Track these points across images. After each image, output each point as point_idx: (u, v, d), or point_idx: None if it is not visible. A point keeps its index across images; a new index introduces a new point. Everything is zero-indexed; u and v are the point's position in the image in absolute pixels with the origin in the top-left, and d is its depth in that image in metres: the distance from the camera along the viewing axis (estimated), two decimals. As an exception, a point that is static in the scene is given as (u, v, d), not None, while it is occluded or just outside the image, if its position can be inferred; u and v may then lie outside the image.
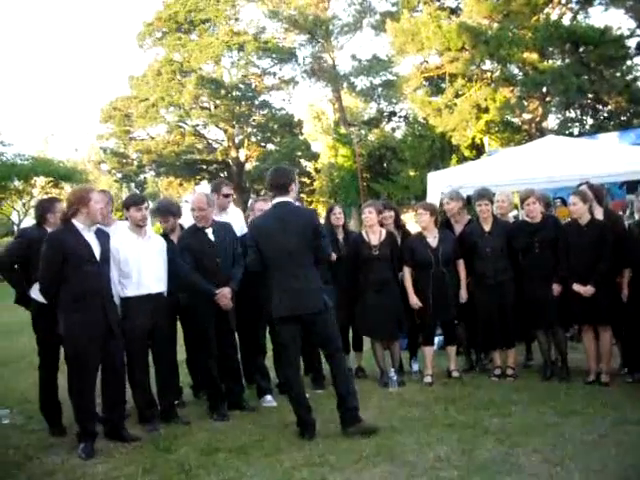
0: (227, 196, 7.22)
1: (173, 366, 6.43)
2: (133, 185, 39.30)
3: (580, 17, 28.71)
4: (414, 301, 6.97)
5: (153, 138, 38.50)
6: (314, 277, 5.55)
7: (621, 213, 8.68)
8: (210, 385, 6.36)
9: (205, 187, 40.74)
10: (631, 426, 5.19)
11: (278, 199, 5.58)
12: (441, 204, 8.53)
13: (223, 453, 5.19)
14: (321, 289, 5.57)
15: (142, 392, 6.04)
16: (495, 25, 27.29)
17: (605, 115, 28.62)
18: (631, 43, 27.74)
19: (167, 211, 6.77)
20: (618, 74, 26.24)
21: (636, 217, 7.03)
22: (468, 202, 7.97)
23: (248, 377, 7.09)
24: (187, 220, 6.88)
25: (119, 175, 40.10)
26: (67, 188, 32.05)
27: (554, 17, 27.53)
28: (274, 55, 38.11)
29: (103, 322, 5.46)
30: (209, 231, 6.26)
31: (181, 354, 6.82)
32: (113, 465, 5.12)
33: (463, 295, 7.07)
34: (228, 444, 5.39)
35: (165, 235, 6.60)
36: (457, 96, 29.15)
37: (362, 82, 38.00)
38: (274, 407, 6.48)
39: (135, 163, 39.21)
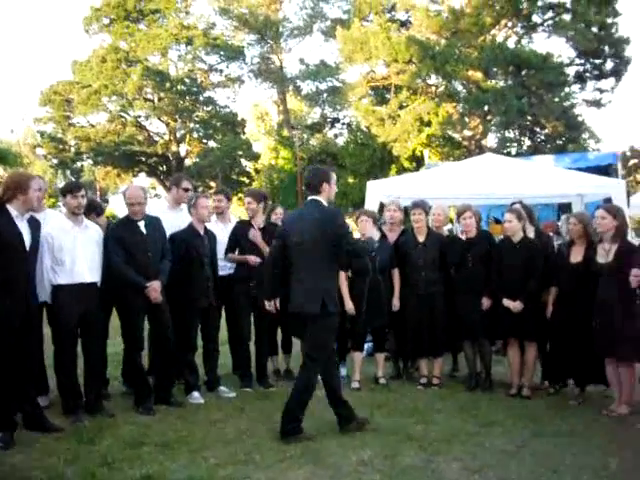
0: (187, 190, 7.19)
1: (101, 357, 6.34)
2: (69, 172, 38.45)
3: (524, 41, 29.58)
4: (349, 306, 7.03)
5: (93, 126, 37.71)
6: (323, 277, 5.43)
7: (551, 234, 8.95)
8: (137, 378, 6.31)
9: (143, 179, 40.23)
10: (548, 438, 5.39)
11: (309, 197, 5.61)
12: (380, 212, 8.64)
13: (148, 447, 5.16)
14: (327, 291, 5.42)
15: (68, 382, 5.93)
16: (443, 41, 27.81)
17: (542, 138, 29.51)
18: (570, 71, 28.79)
19: (89, 208, 6.62)
20: (557, 99, 27.09)
21: (566, 238, 7.29)
22: (405, 213, 8.12)
23: (176, 373, 7.06)
24: (121, 211, 6.81)
25: (55, 161, 39.16)
26: (-1, 169, 31.16)
27: (500, 39, 28.26)
28: (222, 52, 37.83)
29: (24, 311, 5.35)
30: (141, 224, 6.23)
31: (111, 346, 6.76)
32: (33, 456, 5.01)
33: (396, 304, 7.18)
34: (153, 438, 5.35)
35: None
36: (401, 108, 29.57)
37: (308, 86, 38.16)
38: (201, 404, 6.46)
39: (73, 150, 38.34)
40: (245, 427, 5.55)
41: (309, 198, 5.61)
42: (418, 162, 28.59)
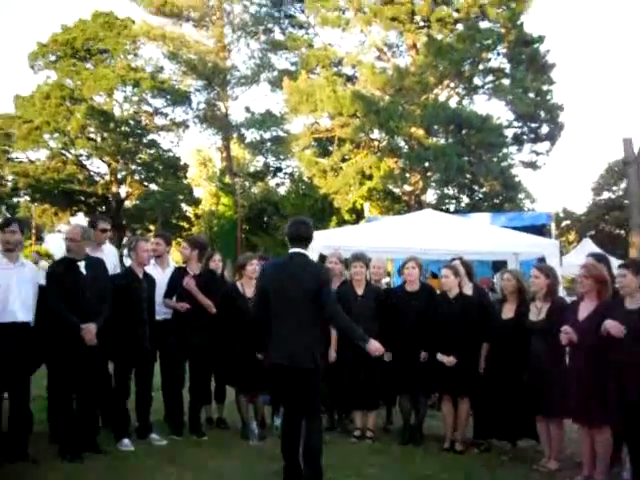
0: (104, 231, 7.13)
1: (27, 399, 6.13)
2: (4, 208, 37.51)
3: (465, 102, 30.50)
4: (333, 355, 7.08)
5: (32, 162, 37.04)
6: (312, 333, 5.34)
7: (487, 290, 9.13)
8: (66, 422, 6.11)
9: (81, 219, 39.53)
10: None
11: (295, 249, 5.46)
12: (323, 262, 8.66)
13: (73, 496, 5.00)
14: (317, 347, 5.38)
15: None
16: (387, 98, 28.42)
17: (480, 196, 30.24)
18: (508, 133, 29.76)
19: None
20: (495, 159, 27.90)
21: (499, 294, 7.45)
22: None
23: (106, 419, 6.88)
24: (57, 250, 6.72)
25: (-10, 195, 38.35)
26: None
27: (442, 98, 29.06)
28: (168, 96, 37.81)
29: None
30: (81, 264, 6.12)
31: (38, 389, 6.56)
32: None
33: (332, 355, 7.17)
34: (79, 487, 5.19)
35: None
36: (343, 160, 29.96)
37: (252, 134, 38.28)
38: (131, 451, 6.29)
39: (9, 185, 37.57)
40: (176, 476, 5.43)
41: (295, 250, 5.47)
42: (358, 215, 28.88)
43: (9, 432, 5.86)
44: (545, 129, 30.13)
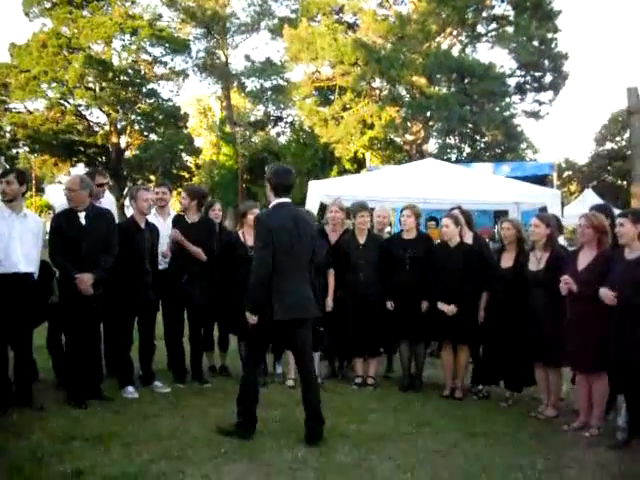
0: (101, 185, 7.12)
1: (29, 349, 6.20)
2: (3, 159, 37.26)
3: (468, 51, 30.12)
4: (330, 305, 7.11)
5: (31, 112, 36.69)
6: (310, 281, 5.47)
7: (488, 240, 9.15)
8: (70, 370, 6.19)
9: (81, 170, 39.41)
10: (478, 438, 5.52)
11: (284, 199, 5.37)
12: (324, 211, 8.66)
13: (79, 441, 5.08)
14: (314, 294, 5.52)
15: (-3, 374, 5.81)
16: (389, 46, 28.08)
17: (482, 146, 30.10)
18: (511, 82, 29.42)
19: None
20: (497, 109, 27.65)
21: (499, 244, 7.46)
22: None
23: (111, 367, 6.97)
24: (57, 201, 6.75)
25: (-12, 147, 38.12)
26: None
27: (444, 47, 28.72)
28: (167, 44, 37.31)
29: None
30: (81, 215, 6.13)
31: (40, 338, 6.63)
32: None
33: (329, 303, 7.19)
34: (85, 432, 5.27)
35: None
36: (344, 109, 29.73)
37: (253, 83, 37.96)
38: (135, 398, 6.38)
39: (8, 136, 37.32)
40: (179, 423, 5.52)
41: (285, 200, 5.38)
42: (360, 164, 28.81)
43: (15, 380, 5.94)
44: (549, 78, 29.80)
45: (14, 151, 38.61)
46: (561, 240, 7.28)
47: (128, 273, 6.41)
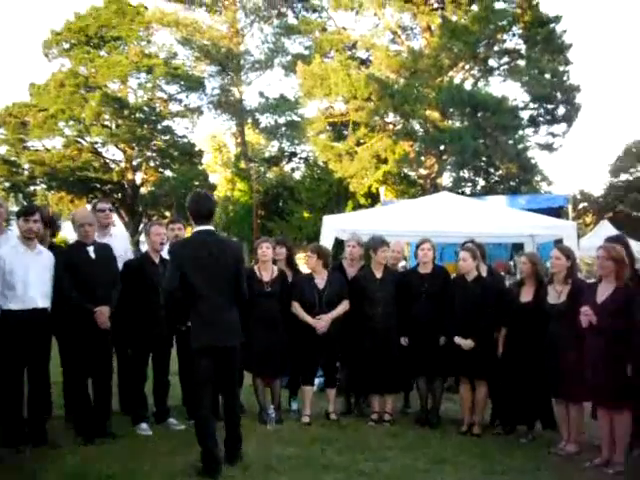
0: (102, 211, 7.10)
1: (47, 385, 6.19)
2: (21, 196, 37.59)
3: (481, 84, 30.24)
4: (320, 325, 7.00)
5: (48, 150, 37.09)
6: (235, 310, 5.45)
7: (502, 273, 9.08)
8: (81, 406, 6.15)
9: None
10: (498, 476, 5.42)
11: (202, 227, 5.40)
12: (339, 246, 8.65)
13: (93, 480, 5.03)
14: (238, 323, 5.48)
15: (12, 411, 5.77)
16: (402, 81, 28.24)
17: (496, 179, 30.06)
18: (524, 115, 29.47)
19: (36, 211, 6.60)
20: (511, 142, 27.64)
21: (517, 277, 7.39)
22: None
23: (125, 403, 6.92)
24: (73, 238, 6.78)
25: (7, 184, 38.41)
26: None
27: (457, 81, 28.83)
28: (182, 82, 37.75)
29: None
30: (90, 249, 6.15)
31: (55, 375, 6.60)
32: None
33: (321, 325, 7.01)
34: (98, 471, 5.22)
35: None
36: (358, 144, 29.85)
37: (267, 119, 38.25)
38: (149, 436, 6.33)
39: (26, 173, 37.69)
40: (193, 460, 5.43)
41: (202, 228, 5.40)
42: (374, 199, 28.82)
43: (29, 417, 5.91)
44: (561, 110, 29.80)
45: (32, 188, 38.95)
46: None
47: (142, 308, 6.40)
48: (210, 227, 5.46)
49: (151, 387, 6.78)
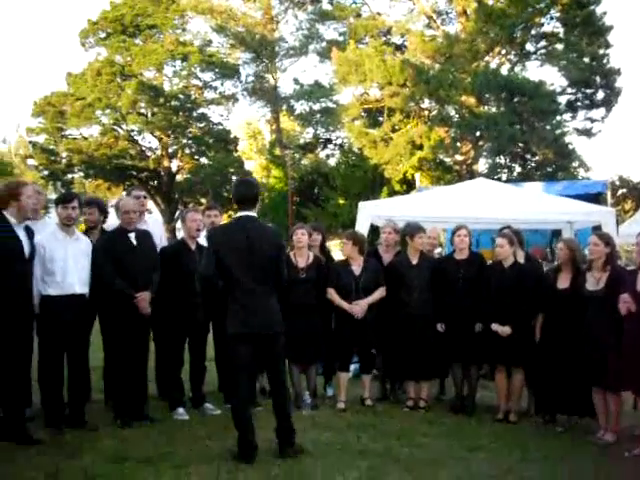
0: (137, 197, 7.17)
1: (87, 370, 6.29)
2: (60, 184, 38.11)
3: (517, 69, 29.82)
4: (357, 309, 6.99)
5: (86, 138, 37.58)
6: (274, 298, 5.38)
7: (541, 260, 8.97)
8: (120, 390, 6.24)
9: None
10: (533, 463, 5.37)
11: (243, 213, 5.38)
12: (375, 232, 8.61)
13: (130, 462, 5.10)
14: (279, 311, 5.41)
15: (53, 394, 5.89)
16: (437, 66, 28.03)
17: (532, 165, 29.65)
18: (562, 100, 29.00)
19: (94, 202, 6.77)
20: (548, 127, 27.24)
21: (555, 264, 7.30)
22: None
23: (162, 388, 7.01)
24: (111, 224, 6.90)
25: (46, 172, 38.98)
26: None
27: (493, 66, 28.49)
28: (217, 69, 37.92)
29: (22, 320, 5.34)
30: (132, 235, 6.23)
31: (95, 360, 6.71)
32: (12, 470, 4.92)
33: (356, 309, 7.03)
34: (136, 454, 5.29)
35: (85, 233, 6.59)
36: (393, 130, 29.71)
37: (302, 106, 38.20)
38: (185, 420, 6.39)
39: (64, 162, 38.17)
40: (229, 445, 5.48)
41: (243, 213, 5.37)
42: (409, 185, 28.67)
43: (69, 400, 6.03)
44: (600, 95, 29.28)
45: (69, 176, 39.49)
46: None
47: (178, 294, 6.46)
48: (251, 213, 5.39)
49: (188, 373, 6.85)
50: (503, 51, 29.39)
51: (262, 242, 5.30)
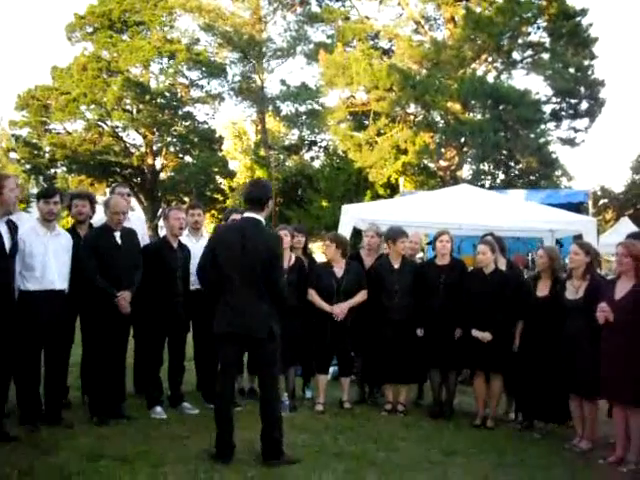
0: (120, 195, 7.13)
1: (65, 367, 6.25)
2: (42, 178, 37.79)
3: (503, 77, 29.95)
4: (337, 310, 7.01)
5: (70, 133, 37.23)
6: (264, 302, 5.27)
7: (522, 268, 9.02)
8: (97, 387, 6.21)
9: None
10: (510, 468, 5.42)
11: (249, 214, 5.35)
12: (358, 235, 8.62)
13: (106, 460, 5.07)
14: (270, 316, 5.31)
15: (29, 391, 5.84)
16: (424, 71, 28.08)
17: (516, 172, 29.83)
18: (546, 109, 29.17)
19: (85, 195, 6.77)
20: (532, 136, 27.39)
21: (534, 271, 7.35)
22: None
23: (139, 386, 6.98)
24: (97, 220, 6.85)
25: (28, 166, 38.61)
26: (-29, 172, 30.62)
27: (480, 73, 28.59)
28: (204, 68, 37.74)
29: (6, 318, 5.32)
30: (117, 234, 6.21)
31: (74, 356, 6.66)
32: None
33: (337, 310, 7.05)
34: (112, 452, 5.27)
35: (73, 228, 6.52)
36: (379, 134, 29.73)
37: (288, 107, 38.10)
38: (163, 419, 6.37)
39: (47, 156, 37.87)
40: (207, 445, 5.47)
41: (249, 215, 5.36)
42: (393, 189, 28.71)
43: (45, 398, 5.98)
44: (585, 105, 29.48)
45: (52, 171, 39.17)
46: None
47: (159, 293, 6.44)
48: (256, 215, 5.34)
49: (166, 371, 6.82)
50: (490, 59, 29.52)
51: (256, 244, 5.24)
